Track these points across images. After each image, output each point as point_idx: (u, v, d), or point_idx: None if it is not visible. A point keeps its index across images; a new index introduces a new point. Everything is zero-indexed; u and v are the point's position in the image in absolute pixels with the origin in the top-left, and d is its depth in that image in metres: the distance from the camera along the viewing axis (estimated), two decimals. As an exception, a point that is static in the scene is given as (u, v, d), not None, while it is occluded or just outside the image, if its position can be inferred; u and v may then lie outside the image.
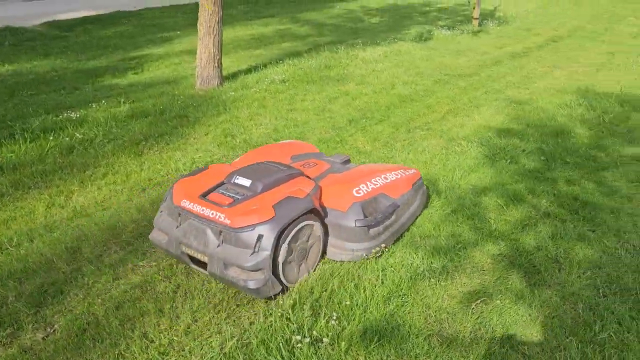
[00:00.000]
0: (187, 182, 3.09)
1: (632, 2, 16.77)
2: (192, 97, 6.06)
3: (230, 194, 2.92)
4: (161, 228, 2.98)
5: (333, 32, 10.56)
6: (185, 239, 2.82)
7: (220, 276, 2.70)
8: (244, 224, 2.67)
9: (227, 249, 2.70)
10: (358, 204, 3.02)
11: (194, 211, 2.85)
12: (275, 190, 2.91)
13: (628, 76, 7.55)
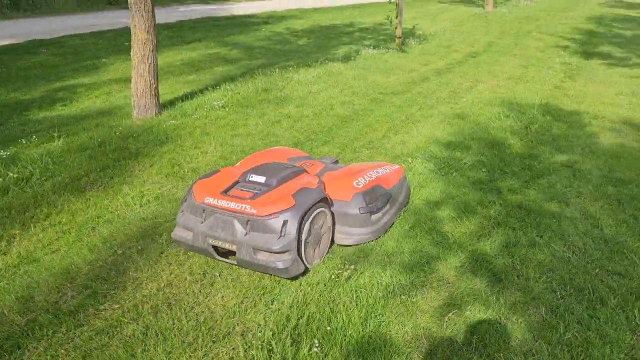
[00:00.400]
0: (205, 182, 3.43)
1: (533, 18, 18.16)
2: (130, 127, 5.87)
3: (249, 190, 3.31)
4: (185, 226, 3.27)
5: (264, 54, 10.62)
6: (212, 232, 3.14)
7: (250, 261, 3.04)
8: (269, 212, 3.05)
9: (254, 236, 3.05)
10: (360, 194, 3.46)
11: (219, 206, 3.18)
12: (288, 184, 3.33)
13: (543, 87, 8.16)
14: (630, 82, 8.65)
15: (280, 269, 2.98)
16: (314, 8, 20.95)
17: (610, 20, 18.01)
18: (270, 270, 3.04)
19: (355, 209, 3.41)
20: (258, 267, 3.07)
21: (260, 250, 3.03)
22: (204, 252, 3.24)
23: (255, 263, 3.03)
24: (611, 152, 5.27)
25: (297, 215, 3.04)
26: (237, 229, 3.09)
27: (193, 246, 3.23)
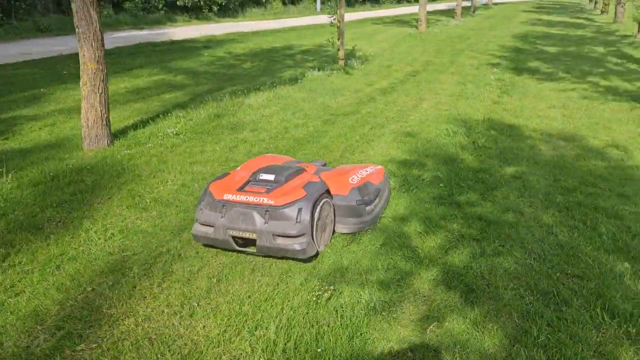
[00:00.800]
0: (219, 183, 3.86)
1: (464, 38, 19.11)
2: (82, 159, 5.71)
3: (262, 186, 3.73)
4: (205, 222, 3.65)
5: (210, 79, 10.59)
6: (232, 224, 3.55)
7: (269, 247, 3.49)
8: (286, 202, 3.51)
9: (273, 224, 3.48)
10: (355, 188, 3.97)
11: (238, 200, 3.61)
12: (294, 180, 3.83)
13: (483, 103, 8.61)
14: (560, 95, 9.28)
15: (298, 250, 3.44)
16: (252, 31, 21.10)
17: (534, 38, 19.23)
18: (288, 253, 3.47)
19: (353, 202, 3.89)
20: (277, 252, 3.50)
21: (279, 235, 3.48)
22: (224, 243, 3.62)
23: (274, 248, 3.48)
24: (553, 163, 5.64)
25: (309, 204, 3.53)
26: (257, 219, 3.51)
27: (215, 239, 3.62)
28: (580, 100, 8.84)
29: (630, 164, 5.67)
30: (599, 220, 4.21)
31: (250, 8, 30.49)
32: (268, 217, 3.51)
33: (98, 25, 5.71)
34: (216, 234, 3.60)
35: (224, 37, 18.98)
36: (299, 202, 3.52)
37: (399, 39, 18.60)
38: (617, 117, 7.71)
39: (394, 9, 39.30)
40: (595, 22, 26.89)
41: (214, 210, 3.66)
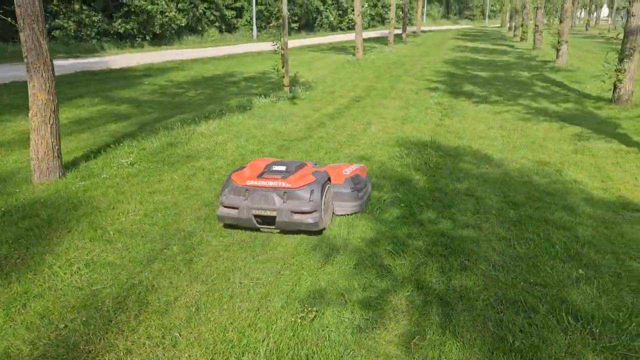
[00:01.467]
0: (240, 173, 4.64)
1: (400, 64, 19.93)
2: (33, 193, 5.49)
3: (276, 174, 4.52)
4: (231, 204, 4.41)
5: (156, 108, 10.45)
6: (255, 205, 4.33)
7: (287, 222, 4.28)
8: (300, 185, 4.34)
9: (290, 203, 4.29)
10: (349, 178, 4.86)
11: (260, 185, 4.41)
12: (302, 170, 4.66)
13: (427, 126, 9.02)
14: (496, 117, 9.87)
15: (311, 223, 4.25)
16: (191, 59, 21.02)
17: (464, 63, 20.32)
18: (303, 226, 4.28)
19: (348, 189, 4.77)
20: (294, 226, 4.30)
21: (295, 212, 4.26)
22: (247, 222, 4.40)
23: (292, 222, 4.27)
24: (500, 180, 6.00)
25: (319, 186, 4.35)
26: (276, 199, 4.31)
27: (239, 218, 4.40)
28: (515, 121, 9.45)
29: (568, 178, 6.12)
30: (550, 232, 4.53)
31: (186, 36, 30.36)
32: (286, 197, 4.31)
33: (48, 55, 5.58)
34: (240, 214, 4.37)
35: (162, 65, 18.78)
36: (311, 185, 4.34)
37: (338, 65, 19.11)
38: (549, 136, 8.30)
39: (328, 36, 40.30)
40: (516, 49, 28.76)
41: (237, 194, 4.42)
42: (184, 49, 26.83)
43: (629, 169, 6.51)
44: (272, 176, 4.51)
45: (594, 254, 4.11)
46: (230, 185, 4.51)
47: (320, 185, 4.37)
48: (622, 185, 5.92)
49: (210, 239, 4.49)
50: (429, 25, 70.21)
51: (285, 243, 4.39)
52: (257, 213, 4.34)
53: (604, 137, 8.16)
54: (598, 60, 21.51)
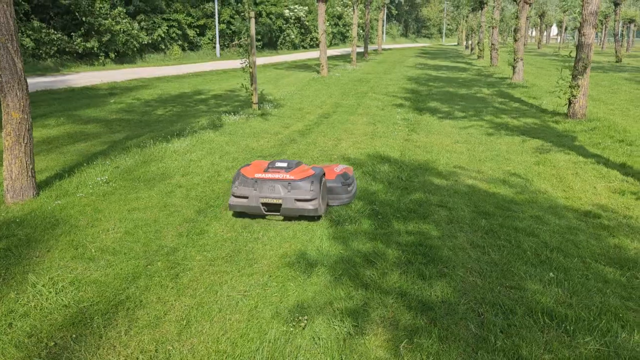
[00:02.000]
0: (247, 168, 5.37)
1: (364, 81, 20.36)
2: (7, 212, 5.40)
3: (280, 169, 5.26)
4: (241, 194, 5.12)
5: (124, 127, 10.38)
6: (263, 194, 5.05)
7: (291, 208, 5.00)
8: (302, 177, 5.12)
9: (294, 192, 5.02)
10: (340, 175, 5.68)
11: (267, 177, 5.15)
12: (300, 167, 5.39)
13: (395, 141, 9.28)
14: (461, 132, 10.24)
15: (311, 209, 4.98)
16: (155, 77, 20.91)
17: (426, 80, 20.93)
18: (304, 212, 4.99)
19: (339, 183, 5.58)
20: (296, 212, 5.02)
21: (298, 200, 4.97)
22: (255, 209, 5.09)
23: (295, 209, 4.99)
24: (469, 192, 6.26)
25: (317, 179, 5.11)
26: (281, 189, 5.04)
27: (248, 206, 5.10)
28: (480, 135, 9.83)
29: (533, 189, 6.44)
30: (520, 239, 4.78)
31: (149, 54, 30.15)
32: (290, 187, 5.03)
33: (23, 74, 5.55)
34: (250, 202, 5.07)
35: (127, 83, 18.61)
36: (311, 177, 5.11)
37: (304, 83, 19.37)
38: (513, 149, 8.68)
39: (291, 54, 40.73)
40: (474, 66, 29.77)
41: (247, 186, 5.13)
42: (147, 67, 26.63)
43: (588, 179, 6.90)
44: (276, 170, 5.26)
45: (562, 259, 4.37)
46: (240, 178, 5.21)
47: (318, 178, 5.14)
48: (582, 194, 6.27)
49: (194, 254, 4.54)
50: (389, 43, 71.82)
51: (269, 256, 4.48)
52: (264, 201, 5.06)
53: (563, 149, 8.60)
54: (551, 77, 22.51)
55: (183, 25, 32.41)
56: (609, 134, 9.62)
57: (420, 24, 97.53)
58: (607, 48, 61.95)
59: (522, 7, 18.97)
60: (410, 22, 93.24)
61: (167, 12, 31.23)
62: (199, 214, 5.48)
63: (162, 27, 30.27)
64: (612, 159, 7.84)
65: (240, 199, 5.14)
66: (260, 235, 4.92)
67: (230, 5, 36.49)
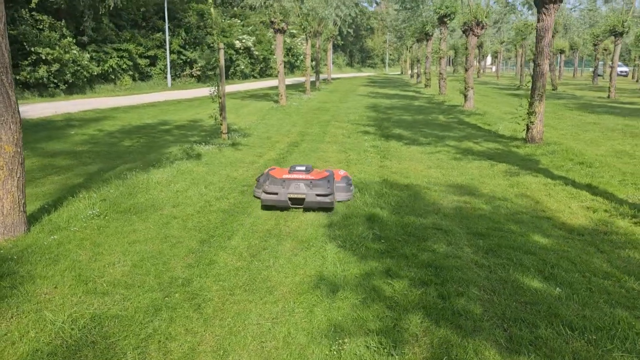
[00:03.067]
0: (275, 171, 7.05)
1: (323, 109, 20.74)
2: (1, 250, 5.19)
3: (300, 172, 6.96)
4: (272, 191, 6.44)
5: (95, 159, 10.14)
6: (290, 190, 6.44)
7: (312, 201, 6.41)
8: (320, 177, 6.74)
9: (314, 189, 6.44)
10: (344, 177, 7.24)
11: (292, 178, 6.68)
12: (315, 170, 7.21)
13: (371, 168, 9.53)
14: (430, 157, 10.64)
15: (328, 202, 6.44)
16: (110, 108, 20.51)
17: (383, 108, 21.55)
18: (323, 204, 6.44)
19: (344, 183, 7.08)
20: (316, 204, 6.45)
21: (318, 195, 6.43)
22: (283, 203, 6.45)
23: (315, 202, 6.43)
24: (457, 214, 6.55)
25: (331, 178, 6.85)
26: (304, 187, 6.50)
27: (278, 201, 6.45)
28: (449, 160, 10.25)
29: (515, 210, 6.80)
30: (520, 257, 5.06)
31: (99, 84, 29.52)
32: (311, 185, 6.52)
33: (17, 106, 5.42)
34: (279, 197, 6.44)
35: (82, 115, 18.15)
36: (327, 177, 6.83)
37: (265, 112, 19.52)
38: (484, 173, 9.12)
39: (243, 84, 40.90)
40: (423, 94, 30.92)
41: (277, 184, 6.55)
42: (98, 97, 26.04)
43: (561, 199, 7.35)
44: (298, 172, 6.94)
45: (564, 274, 4.66)
46: (270, 179, 6.70)
47: (332, 178, 6.87)
48: (559, 214, 6.69)
49: (210, 284, 4.53)
50: (336, 72, 73.40)
51: (286, 283, 4.53)
52: (291, 196, 6.43)
53: (530, 172, 9.12)
54: (498, 104, 23.74)
55: (134, 55, 32.01)
56: (568, 157, 10.28)
57: (364, 54, 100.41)
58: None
59: (470, 39, 20.03)
60: (355, 53, 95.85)
61: (117, 42, 30.79)
62: (202, 244, 5.46)
63: (113, 57, 29.79)
64: (577, 180, 8.38)
65: (271, 195, 6.46)
66: (272, 263, 4.96)
67: (180, 36, 36.41)
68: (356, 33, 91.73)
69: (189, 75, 37.61)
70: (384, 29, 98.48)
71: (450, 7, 26.47)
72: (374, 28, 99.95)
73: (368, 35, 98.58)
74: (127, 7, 30.69)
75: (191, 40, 37.59)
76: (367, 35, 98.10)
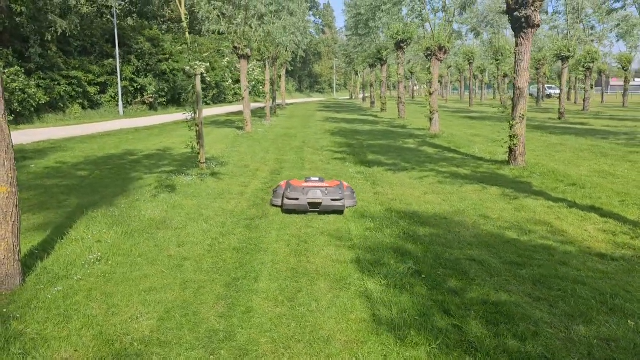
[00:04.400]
0: (294, 182, 8.08)
1: (291, 135, 20.42)
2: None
3: (315, 181, 8.01)
4: (293, 197, 7.47)
5: (69, 194, 9.30)
6: (309, 197, 7.43)
7: (327, 206, 7.46)
8: (333, 185, 7.86)
9: (329, 195, 7.48)
10: (348, 187, 8.25)
11: (310, 186, 7.67)
12: (327, 180, 8.48)
13: (367, 195, 9.22)
14: (422, 183, 10.45)
15: (340, 205, 7.48)
16: (64, 138, 19.34)
17: (349, 133, 21.45)
18: (336, 207, 7.50)
19: (349, 192, 8.12)
20: (330, 208, 7.49)
21: (332, 200, 7.42)
22: (303, 207, 7.46)
23: (329, 206, 7.45)
24: (482, 243, 6.31)
25: (342, 186, 7.91)
26: (321, 194, 7.48)
27: (299, 205, 7.46)
28: (442, 185, 10.10)
29: (536, 235, 6.63)
30: (574, 288, 4.83)
31: (46, 114, 28.00)
32: (326, 192, 7.56)
33: (11, 140, 4.76)
34: (300, 202, 7.47)
35: (35, 145, 16.97)
36: (339, 186, 7.90)
37: (231, 139, 18.96)
38: (483, 197, 8.99)
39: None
40: (383, 119, 31.16)
41: (297, 192, 7.55)
42: (47, 127, 24.61)
43: (573, 222, 7.28)
44: (313, 182, 8.01)
45: (628, 305, 4.46)
46: (291, 187, 7.73)
47: (343, 186, 8.03)
48: (580, 238, 6.57)
49: (256, 336, 4.04)
50: (287, 98, 73.44)
51: (340, 329, 4.09)
52: (310, 201, 7.49)
53: (528, 195, 9.07)
54: (461, 127, 24.20)
55: (83, 83, 30.66)
56: (557, 178, 10.36)
57: (313, 79, 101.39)
58: (485, 100, 68.50)
59: (434, 64, 20.36)
60: (304, 78, 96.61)
61: (65, 69, 29.42)
62: (228, 288, 4.93)
63: (61, 84, 28.40)
64: (578, 202, 8.38)
65: (292, 200, 7.54)
66: (314, 308, 4.51)
67: (131, 62, 35.32)
68: (304, 59, 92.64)
69: (141, 102, 36.42)
70: (330, 54, 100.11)
71: (407, 32, 27.00)
72: (321, 53, 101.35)
73: (316, 61, 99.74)
74: (75, 32, 29.43)
75: (143, 67, 36.51)
76: (315, 61, 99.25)
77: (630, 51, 42.81)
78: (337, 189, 7.68)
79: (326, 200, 7.42)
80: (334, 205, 7.46)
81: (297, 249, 6.11)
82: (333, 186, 7.79)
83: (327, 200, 7.42)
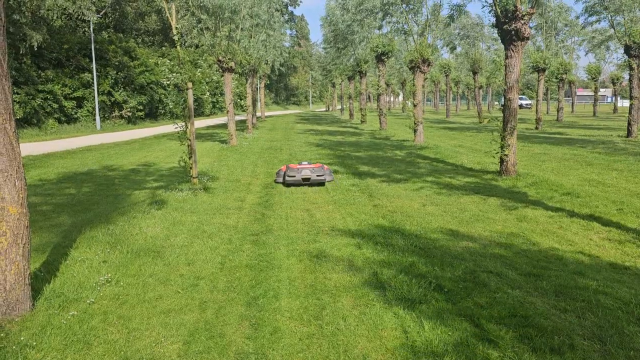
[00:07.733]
0: (291, 165, 12.05)
1: (275, 148, 20.32)
2: (8, 334, 4.24)
3: (306, 164, 11.95)
4: (291, 175, 11.45)
5: (60, 212, 9.01)
6: (303, 174, 11.45)
7: (314, 179, 11.46)
8: (318, 167, 11.85)
9: (315, 173, 11.55)
10: (328, 169, 12.29)
11: (303, 167, 11.69)
12: (315, 164, 12.24)
13: (366, 208, 9.19)
14: (418, 194, 10.45)
15: (323, 179, 11.56)
16: (42, 154, 18.93)
17: (334, 145, 21.45)
18: (320, 181, 11.54)
19: (329, 172, 12.12)
20: (316, 181, 11.50)
21: (318, 176, 11.51)
22: (298, 181, 11.43)
23: (316, 180, 11.46)
24: (493, 254, 6.30)
25: (324, 167, 12.03)
26: (310, 172, 11.49)
27: (296, 180, 11.43)
28: (440, 196, 10.12)
29: (544, 246, 6.66)
30: (598, 298, 4.84)
31: (20, 129, 27.27)
32: (313, 171, 11.47)
33: (21, 160, 4.57)
34: (296, 178, 11.36)
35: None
36: (321, 167, 11.81)
37: (217, 153, 18.75)
38: (483, 208, 9.03)
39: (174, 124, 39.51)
40: (364, 130, 31.29)
41: (294, 172, 11.43)
42: (23, 142, 23.75)
43: (577, 231, 7.35)
44: (305, 165, 11.70)
45: (655, 314, 4.48)
46: (289, 169, 11.52)
47: (324, 167, 11.74)
48: (587, 247, 6.63)
49: (289, 357, 3.92)
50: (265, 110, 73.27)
51: (377, 349, 4.00)
52: (303, 177, 11.26)
53: (526, 205, 9.15)
54: (442, 138, 24.43)
55: (59, 97, 30.04)
56: (550, 188, 10.49)
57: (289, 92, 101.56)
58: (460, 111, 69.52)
59: (417, 76, 20.56)
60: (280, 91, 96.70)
61: (40, 83, 28.78)
62: (249, 307, 4.79)
63: (36, 99, 27.76)
64: (577, 211, 8.49)
65: (291, 178, 11.35)
66: (343, 327, 4.40)
67: (109, 76, 34.78)
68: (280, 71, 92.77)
69: (119, 116, 35.84)
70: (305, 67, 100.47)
71: (387, 45, 27.27)
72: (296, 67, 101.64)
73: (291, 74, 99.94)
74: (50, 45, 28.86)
75: (121, 80, 35.98)
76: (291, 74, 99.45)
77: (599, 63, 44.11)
78: (320, 169, 11.62)
79: (313, 177, 11.38)
80: (318, 179, 11.43)
81: (310, 265, 6.00)
82: (318, 167, 11.69)
83: (314, 176, 11.38)
